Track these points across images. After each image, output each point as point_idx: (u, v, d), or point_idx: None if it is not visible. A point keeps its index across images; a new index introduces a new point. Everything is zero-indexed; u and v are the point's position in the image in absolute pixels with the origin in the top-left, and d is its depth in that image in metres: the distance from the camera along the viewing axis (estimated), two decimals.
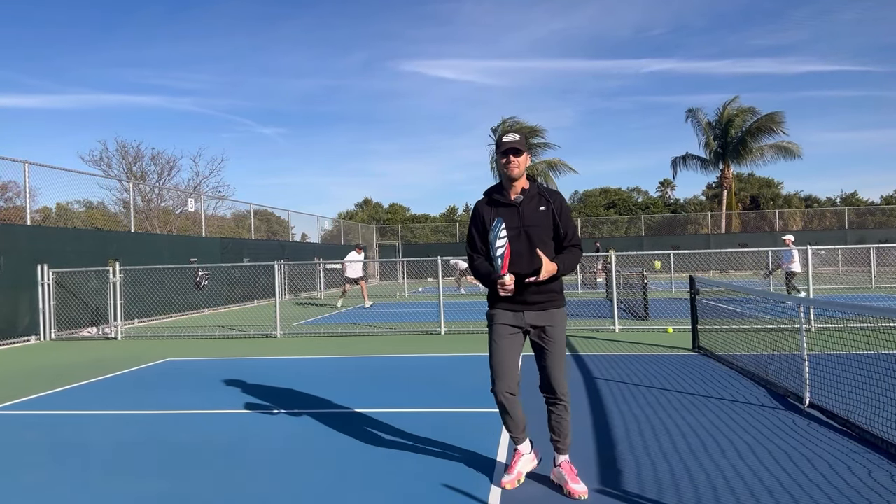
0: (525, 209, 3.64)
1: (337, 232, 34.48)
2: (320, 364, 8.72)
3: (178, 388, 7.15)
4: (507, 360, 3.68)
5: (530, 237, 3.60)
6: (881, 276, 22.65)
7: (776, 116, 37.21)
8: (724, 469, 3.96)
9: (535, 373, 3.87)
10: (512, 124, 39.16)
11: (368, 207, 59.97)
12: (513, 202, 3.66)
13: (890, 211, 39.83)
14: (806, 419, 5.07)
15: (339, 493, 3.79)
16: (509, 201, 3.66)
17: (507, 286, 3.52)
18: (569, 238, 3.70)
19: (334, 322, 14.41)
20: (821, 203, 52.44)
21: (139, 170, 32.17)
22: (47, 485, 4.07)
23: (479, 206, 3.77)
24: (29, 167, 12.90)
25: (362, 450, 4.61)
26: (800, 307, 5.81)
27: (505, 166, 3.62)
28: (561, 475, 3.70)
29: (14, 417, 6.04)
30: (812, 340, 7.22)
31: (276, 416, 5.71)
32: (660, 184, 62.21)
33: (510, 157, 3.61)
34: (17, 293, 12.13)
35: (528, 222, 3.62)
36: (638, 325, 11.92)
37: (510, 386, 3.68)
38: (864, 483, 3.64)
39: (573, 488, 3.59)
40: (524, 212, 3.64)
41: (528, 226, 3.61)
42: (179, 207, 30.51)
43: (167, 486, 3.98)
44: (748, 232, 39.33)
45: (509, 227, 3.55)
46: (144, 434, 5.25)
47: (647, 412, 5.44)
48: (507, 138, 3.64)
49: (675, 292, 19.92)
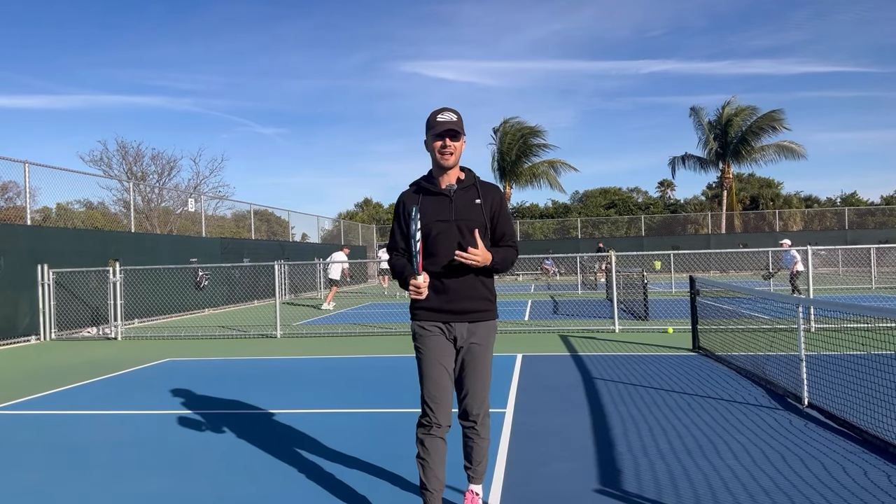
0: (458, 200, 3.10)
1: (337, 232, 34.49)
2: (320, 364, 8.73)
3: (178, 388, 7.16)
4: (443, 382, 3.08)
5: (462, 231, 3.06)
6: (881, 276, 22.66)
7: (776, 115, 37.23)
8: (721, 469, 3.97)
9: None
10: (514, 124, 39.20)
11: (368, 207, 59.96)
12: (444, 191, 3.11)
13: (890, 211, 39.82)
14: (804, 419, 5.08)
15: (340, 493, 3.80)
16: (440, 190, 3.11)
17: (419, 289, 2.99)
18: (506, 238, 3.20)
19: (334, 322, 14.42)
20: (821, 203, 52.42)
21: (139, 170, 32.22)
22: (47, 485, 4.09)
23: (405, 196, 3.19)
24: (29, 167, 12.92)
25: (363, 450, 4.62)
26: (798, 307, 5.82)
27: (440, 151, 3.03)
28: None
29: (14, 417, 6.05)
30: (812, 341, 7.23)
31: (276, 417, 5.71)
32: (659, 184, 62.25)
33: (447, 140, 3.01)
34: (17, 293, 12.15)
35: (461, 215, 3.08)
36: (638, 326, 11.93)
37: (446, 416, 3.08)
38: (858, 484, 3.65)
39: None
40: (457, 203, 3.09)
41: (460, 219, 3.07)
42: (179, 207, 30.55)
43: (167, 486, 3.99)
44: (748, 232, 39.34)
45: (440, 220, 3.06)
46: (144, 434, 5.26)
47: (647, 412, 5.45)
48: (442, 117, 3.01)
49: (675, 292, 19.94)
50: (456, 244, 3.03)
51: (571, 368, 7.67)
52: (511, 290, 25.30)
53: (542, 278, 32.86)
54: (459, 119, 3.06)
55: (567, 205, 58.53)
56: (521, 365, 7.99)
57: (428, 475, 3.05)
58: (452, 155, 3.05)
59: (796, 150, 37.55)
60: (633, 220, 42.54)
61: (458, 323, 3.09)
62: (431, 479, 3.05)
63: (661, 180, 62.04)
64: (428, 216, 3.07)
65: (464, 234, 3.06)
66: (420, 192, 3.16)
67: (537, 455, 4.37)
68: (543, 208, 57.80)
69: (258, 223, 28.56)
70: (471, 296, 3.09)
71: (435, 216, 3.08)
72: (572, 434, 4.86)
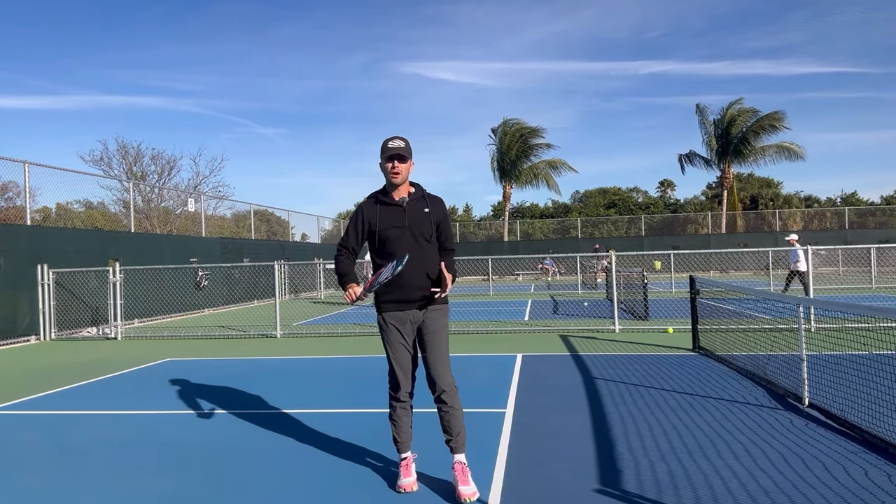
0: (410, 210, 3.78)
1: (337, 232, 34.48)
2: (320, 364, 8.73)
3: (178, 388, 7.16)
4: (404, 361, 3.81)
5: (415, 235, 3.76)
6: (881, 276, 22.65)
7: (777, 115, 37.25)
8: (721, 470, 3.97)
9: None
10: (513, 125, 39.21)
11: None
12: (398, 203, 3.79)
13: (890, 211, 39.82)
14: (804, 419, 5.08)
15: (341, 492, 3.80)
16: (394, 202, 3.79)
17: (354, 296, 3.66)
18: (448, 241, 3.92)
19: (334, 322, 14.42)
20: (821, 203, 52.43)
21: (139, 170, 32.20)
22: (47, 485, 4.08)
23: (365, 205, 3.88)
24: (29, 167, 12.91)
25: (363, 450, 4.62)
26: (799, 307, 5.82)
27: (390, 171, 3.72)
28: (453, 478, 3.70)
29: (14, 417, 6.05)
30: (812, 340, 7.23)
31: (276, 417, 5.71)
32: (659, 184, 62.24)
33: (395, 162, 3.70)
34: (17, 293, 12.14)
35: (413, 221, 3.76)
36: (638, 326, 11.93)
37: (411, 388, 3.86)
38: (859, 484, 3.65)
39: (462, 490, 3.59)
40: (409, 212, 3.78)
41: (413, 224, 3.76)
42: (179, 207, 30.53)
43: (167, 486, 3.99)
44: (748, 232, 39.32)
45: (395, 226, 3.74)
46: (144, 434, 5.25)
47: (647, 412, 5.45)
48: (392, 144, 3.71)
49: (675, 292, 19.93)
50: (407, 245, 3.72)
51: (571, 368, 7.67)
52: (511, 290, 25.30)
53: (542, 278, 32.86)
54: (407, 146, 3.75)
55: (567, 205, 58.54)
56: (521, 365, 7.99)
57: (399, 432, 3.86)
58: (399, 174, 3.73)
59: (796, 151, 37.59)
60: (633, 219, 42.53)
61: (415, 310, 3.77)
62: (402, 432, 3.86)
63: (661, 180, 62.07)
64: (385, 223, 3.76)
65: (416, 238, 3.75)
66: (378, 203, 3.81)
67: (537, 455, 4.37)
68: (543, 208, 57.81)
69: (258, 223, 28.57)
70: (423, 286, 3.74)
71: (391, 223, 3.76)
72: (572, 434, 4.86)
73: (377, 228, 3.75)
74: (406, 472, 3.81)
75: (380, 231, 3.75)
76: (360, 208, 3.86)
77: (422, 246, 3.75)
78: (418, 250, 3.72)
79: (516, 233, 42.01)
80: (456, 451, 3.75)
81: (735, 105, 37.96)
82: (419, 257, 3.72)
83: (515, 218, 50.01)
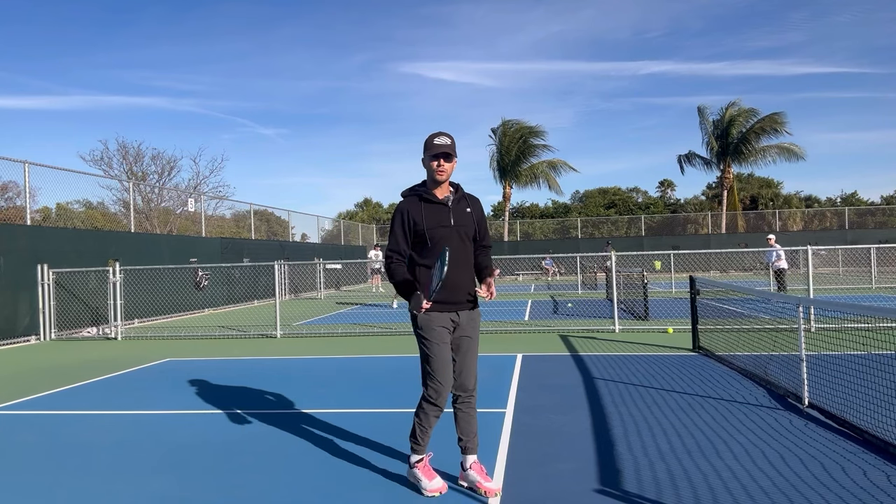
0: (454, 209, 3.72)
1: (337, 232, 34.49)
2: (320, 364, 8.73)
3: (178, 388, 7.16)
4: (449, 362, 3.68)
5: (461, 235, 3.71)
6: (881, 276, 22.64)
7: (777, 117, 37.26)
8: (721, 470, 3.97)
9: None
10: (513, 125, 39.20)
11: (368, 207, 60.00)
12: (442, 201, 3.71)
13: (890, 211, 39.83)
14: (804, 419, 5.08)
15: (341, 493, 3.79)
16: (439, 200, 3.70)
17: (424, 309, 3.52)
18: (486, 238, 3.90)
19: (334, 322, 14.42)
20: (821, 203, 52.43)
21: (139, 170, 32.21)
22: (47, 485, 4.08)
23: (408, 204, 3.72)
24: (29, 167, 12.92)
25: (363, 450, 4.62)
26: (799, 307, 5.82)
27: (436, 169, 3.62)
28: (473, 477, 3.72)
29: (14, 417, 6.05)
30: (812, 341, 7.23)
31: (276, 417, 5.71)
32: (659, 184, 62.22)
33: (441, 161, 3.61)
34: (17, 293, 12.14)
35: (458, 221, 3.71)
36: (638, 326, 11.93)
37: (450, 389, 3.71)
38: (858, 484, 3.65)
39: (488, 487, 3.65)
40: (454, 212, 3.71)
41: (458, 224, 3.70)
42: (179, 207, 30.54)
43: (167, 486, 3.99)
44: (748, 232, 39.32)
45: (442, 226, 3.65)
46: (144, 434, 5.25)
47: (647, 412, 5.45)
48: (438, 141, 3.61)
49: (675, 292, 19.94)
50: (455, 247, 3.63)
51: (571, 368, 7.67)
52: (511, 290, 25.30)
53: (542, 278, 32.86)
54: (453, 143, 3.65)
55: (567, 205, 58.54)
56: (521, 365, 7.99)
57: (425, 434, 3.75)
58: (445, 172, 3.65)
59: (796, 152, 37.60)
60: (633, 220, 42.55)
61: (461, 311, 3.71)
62: (426, 435, 3.76)
63: (661, 180, 62.05)
64: (431, 221, 3.66)
65: (462, 238, 3.70)
66: (422, 201, 3.70)
67: (537, 455, 4.37)
68: (543, 208, 57.82)
69: (258, 223, 28.57)
70: (468, 287, 3.74)
71: (438, 222, 3.66)
72: (572, 434, 4.86)
73: (424, 227, 3.63)
74: (430, 474, 3.73)
75: (428, 230, 3.63)
76: (403, 208, 3.71)
77: (466, 246, 3.71)
78: (463, 251, 3.67)
79: (516, 233, 42.02)
80: (472, 451, 3.77)
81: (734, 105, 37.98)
82: (464, 258, 3.68)
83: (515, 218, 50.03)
